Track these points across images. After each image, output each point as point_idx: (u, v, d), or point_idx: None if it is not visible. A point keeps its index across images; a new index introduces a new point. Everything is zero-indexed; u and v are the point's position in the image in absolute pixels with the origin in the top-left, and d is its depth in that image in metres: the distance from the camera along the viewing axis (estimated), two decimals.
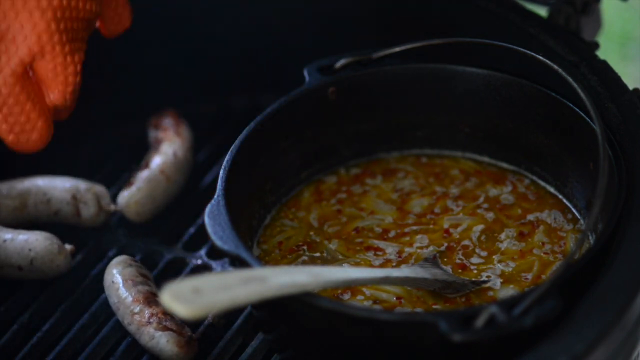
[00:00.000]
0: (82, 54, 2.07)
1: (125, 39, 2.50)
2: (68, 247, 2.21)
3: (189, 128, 2.47)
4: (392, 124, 2.27)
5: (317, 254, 2.10)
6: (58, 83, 2.04)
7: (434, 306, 1.97)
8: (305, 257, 2.10)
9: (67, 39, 2.03)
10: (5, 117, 2.03)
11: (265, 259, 2.10)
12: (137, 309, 2.06)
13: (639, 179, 1.95)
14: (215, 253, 2.24)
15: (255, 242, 2.14)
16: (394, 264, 2.06)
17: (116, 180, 2.46)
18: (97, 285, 2.19)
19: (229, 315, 2.13)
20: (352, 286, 2.00)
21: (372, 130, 2.27)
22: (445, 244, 2.09)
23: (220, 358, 2.08)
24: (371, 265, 2.07)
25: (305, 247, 2.12)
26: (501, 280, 2.02)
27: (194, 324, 2.11)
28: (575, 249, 1.82)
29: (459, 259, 2.07)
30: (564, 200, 2.16)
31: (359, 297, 2.00)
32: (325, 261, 2.08)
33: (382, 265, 2.07)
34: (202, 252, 2.28)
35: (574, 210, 2.14)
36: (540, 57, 2.08)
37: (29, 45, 2.00)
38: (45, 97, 2.06)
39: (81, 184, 2.29)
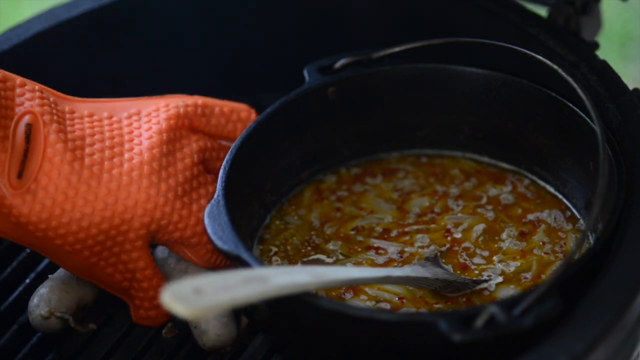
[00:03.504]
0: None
1: (124, 39, 2.51)
2: None
3: None
4: (392, 124, 2.27)
5: (319, 254, 2.10)
6: (189, 237, 2.06)
7: (435, 305, 1.97)
8: (306, 257, 2.10)
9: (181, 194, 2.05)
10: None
11: (265, 259, 2.10)
12: None
13: (639, 179, 1.95)
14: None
15: (255, 242, 2.14)
16: (396, 264, 2.06)
17: None
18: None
19: None
20: (354, 286, 2.00)
21: (372, 130, 2.27)
22: (447, 244, 2.09)
23: (220, 358, 2.08)
24: (374, 265, 2.07)
25: (306, 247, 2.12)
26: (502, 280, 2.02)
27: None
28: (575, 249, 1.82)
29: (463, 259, 2.07)
30: (564, 200, 2.17)
31: (362, 297, 2.00)
32: (326, 261, 2.09)
33: (384, 265, 2.07)
34: None
35: (574, 210, 2.14)
36: (540, 57, 2.08)
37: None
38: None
39: None
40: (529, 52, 2.11)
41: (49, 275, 2.12)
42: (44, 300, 2.07)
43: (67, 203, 1.96)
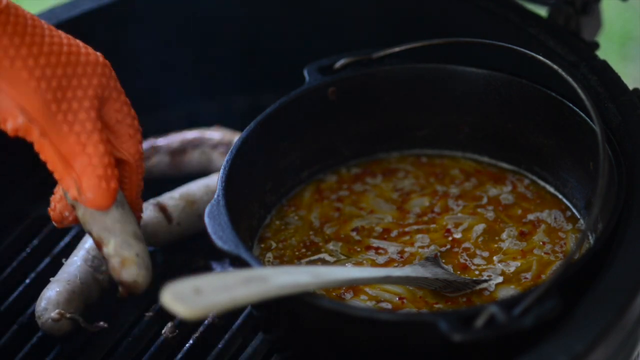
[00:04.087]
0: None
1: (125, 38, 2.51)
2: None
3: None
4: (392, 124, 2.27)
5: (319, 254, 2.10)
6: (127, 126, 2.03)
7: (435, 305, 1.97)
8: (306, 257, 2.10)
9: None
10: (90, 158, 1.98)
11: (265, 259, 2.10)
12: None
13: (639, 179, 1.95)
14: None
15: (256, 242, 2.14)
16: (396, 264, 2.06)
17: None
18: None
19: (229, 315, 2.13)
20: (353, 286, 2.00)
21: (372, 130, 2.27)
22: (447, 244, 2.09)
23: (220, 358, 2.08)
24: (374, 265, 2.07)
25: (306, 247, 2.12)
26: (502, 280, 2.02)
27: (194, 324, 2.11)
28: (575, 249, 1.82)
29: (464, 259, 2.07)
30: (564, 200, 2.17)
31: (362, 297, 2.00)
32: (327, 261, 2.09)
33: (384, 265, 2.07)
34: None
35: (574, 210, 2.14)
36: (540, 57, 2.08)
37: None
38: (119, 151, 2.04)
39: None
40: (529, 52, 2.11)
41: (51, 279, 2.12)
42: (52, 303, 2.07)
43: (38, 25, 1.98)
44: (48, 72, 1.96)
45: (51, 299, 2.07)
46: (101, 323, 2.07)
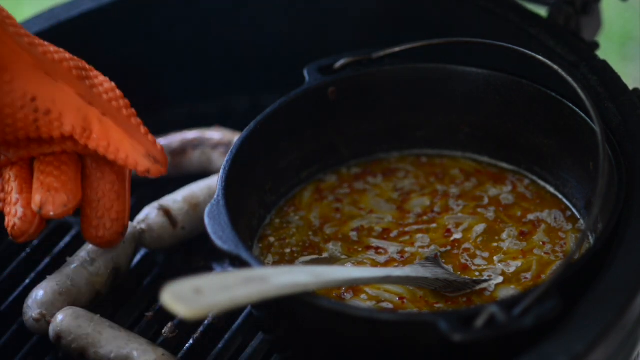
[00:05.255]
0: None
1: (125, 39, 2.51)
2: None
3: None
4: (392, 124, 2.27)
5: (319, 254, 2.10)
6: None
7: (435, 305, 1.97)
8: (306, 257, 2.10)
9: None
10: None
11: (265, 259, 2.10)
12: None
13: (639, 179, 1.95)
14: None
15: (255, 241, 2.14)
16: (396, 264, 2.06)
17: None
18: None
19: (229, 315, 2.13)
20: (354, 286, 2.00)
21: (372, 130, 2.27)
22: (448, 245, 2.09)
23: (220, 358, 2.08)
24: (375, 265, 2.07)
25: (306, 247, 2.12)
26: (502, 280, 2.02)
27: (194, 324, 2.11)
28: (575, 249, 1.82)
29: (464, 259, 2.07)
30: (564, 200, 2.17)
31: (362, 296, 2.00)
32: (327, 261, 2.09)
33: (385, 265, 2.07)
34: None
35: (574, 210, 2.14)
36: (540, 57, 2.08)
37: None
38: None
39: None
40: (529, 52, 2.11)
41: (47, 276, 2.12)
42: (37, 303, 2.07)
43: None
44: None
45: (37, 298, 2.07)
46: None
